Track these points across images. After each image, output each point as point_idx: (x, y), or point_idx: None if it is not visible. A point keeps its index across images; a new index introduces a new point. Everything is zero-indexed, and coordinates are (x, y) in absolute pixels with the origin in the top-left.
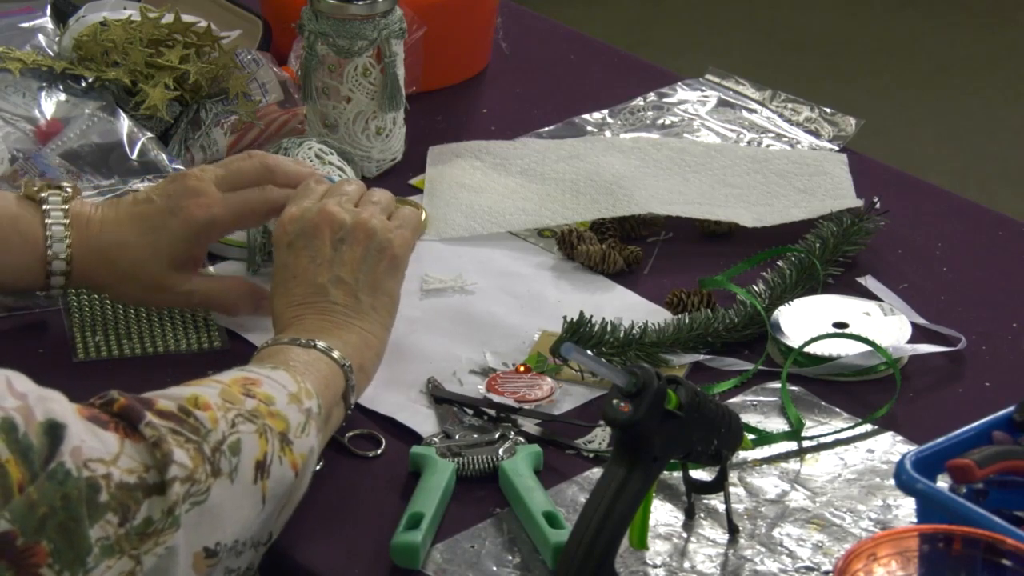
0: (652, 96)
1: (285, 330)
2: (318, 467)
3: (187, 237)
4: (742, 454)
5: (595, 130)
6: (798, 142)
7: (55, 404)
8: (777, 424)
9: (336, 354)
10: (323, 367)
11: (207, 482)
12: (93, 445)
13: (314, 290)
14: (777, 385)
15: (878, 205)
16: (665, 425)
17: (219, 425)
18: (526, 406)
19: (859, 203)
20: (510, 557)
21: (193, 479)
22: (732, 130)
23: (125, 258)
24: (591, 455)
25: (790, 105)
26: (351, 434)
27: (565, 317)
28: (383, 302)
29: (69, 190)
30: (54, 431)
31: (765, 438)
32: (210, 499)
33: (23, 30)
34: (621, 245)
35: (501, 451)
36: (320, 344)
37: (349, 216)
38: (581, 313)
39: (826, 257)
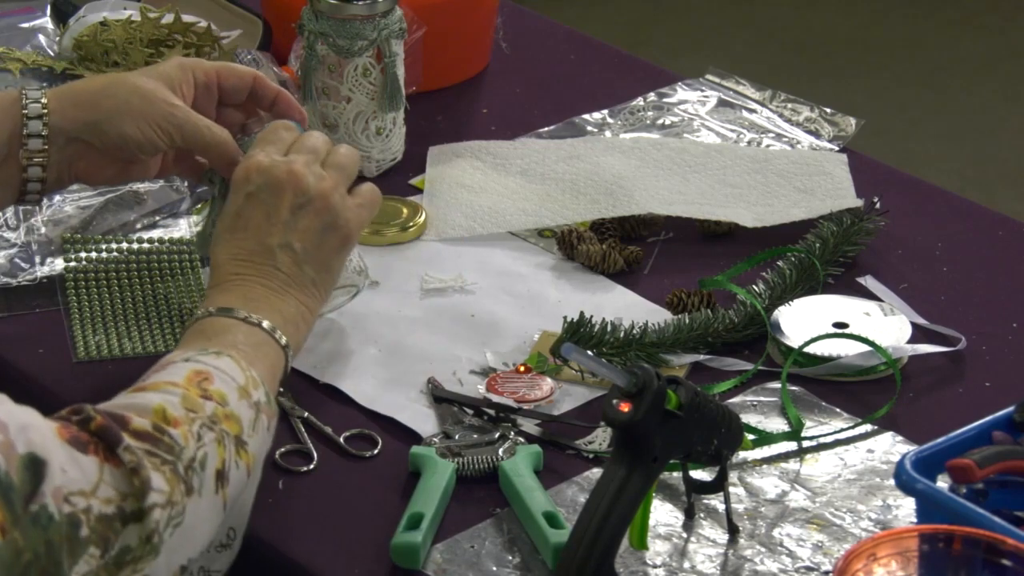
0: (652, 96)
1: (225, 288)
2: (310, 467)
3: (177, 67)
4: (742, 454)
5: (595, 130)
6: (798, 142)
7: (35, 434)
8: (777, 424)
9: (277, 333)
10: (269, 352)
11: (183, 502)
12: (74, 476)
13: (261, 250)
14: (777, 385)
15: (878, 205)
16: (665, 425)
17: (190, 442)
18: (526, 406)
19: (859, 203)
20: (510, 557)
21: (171, 502)
22: (732, 130)
23: (112, 92)
24: (591, 455)
25: (790, 105)
26: (348, 434)
27: (565, 317)
28: (324, 279)
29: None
30: (35, 467)
31: (765, 438)
32: (185, 519)
33: (23, 30)
34: (621, 245)
35: (501, 451)
36: (266, 324)
37: (314, 184)
38: (581, 313)
39: (826, 257)
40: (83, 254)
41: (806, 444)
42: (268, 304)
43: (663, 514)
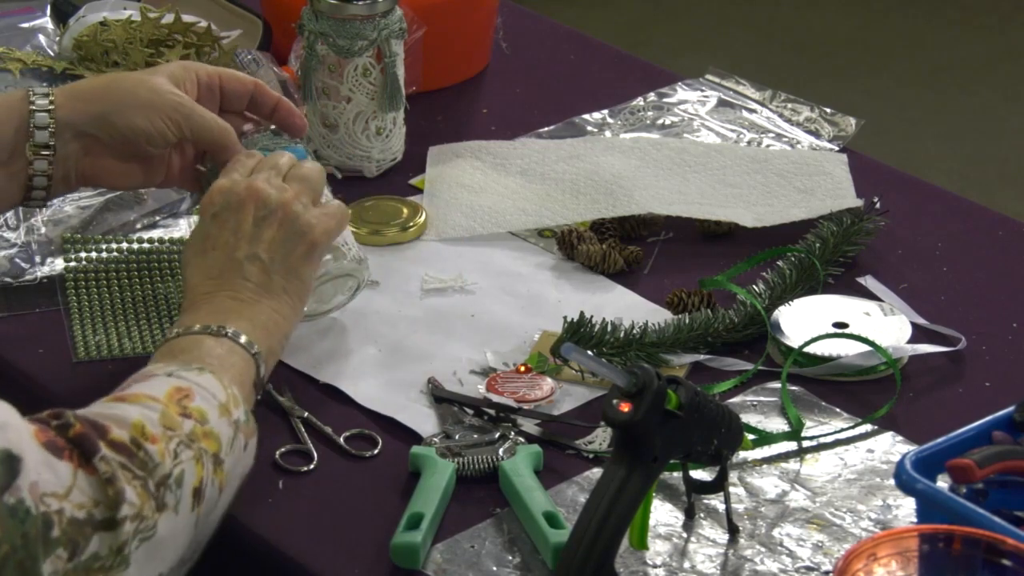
0: (652, 96)
1: (196, 307)
2: (310, 467)
3: (180, 66)
4: (742, 454)
5: (595, 130)
6: (798, 142)
7: (12, 433)
8: (777, 424)
9: (244, 339)
10: (237, 360)
11: (153, 518)
12: (48, 478)
13: (231, 265)
14: (777, 385)
15: (878, 205)
16: (665, 425)
17: (166, 459)
18: (526, 406)
19: (859, 203)
20: (510, 557)
21: (141, 516)
22: (732, 130)
23: (118, 86)
24: (591, 455)
25: (790, 105)
26: (347, 434)
27: (565, 317)
28: (295, 286)
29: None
30: (10, 463)
31: (765, 438)
32: (157, 534)
33: (23, 30)
34: (621, 245)
35: (501, 451)
36: (230, 330)
37: (275, 195)
38: (581, 313)
39: (826, 257)
40: (83, 254)
41: (806, 444)
42: (237, 314)
43: (663, 514)
